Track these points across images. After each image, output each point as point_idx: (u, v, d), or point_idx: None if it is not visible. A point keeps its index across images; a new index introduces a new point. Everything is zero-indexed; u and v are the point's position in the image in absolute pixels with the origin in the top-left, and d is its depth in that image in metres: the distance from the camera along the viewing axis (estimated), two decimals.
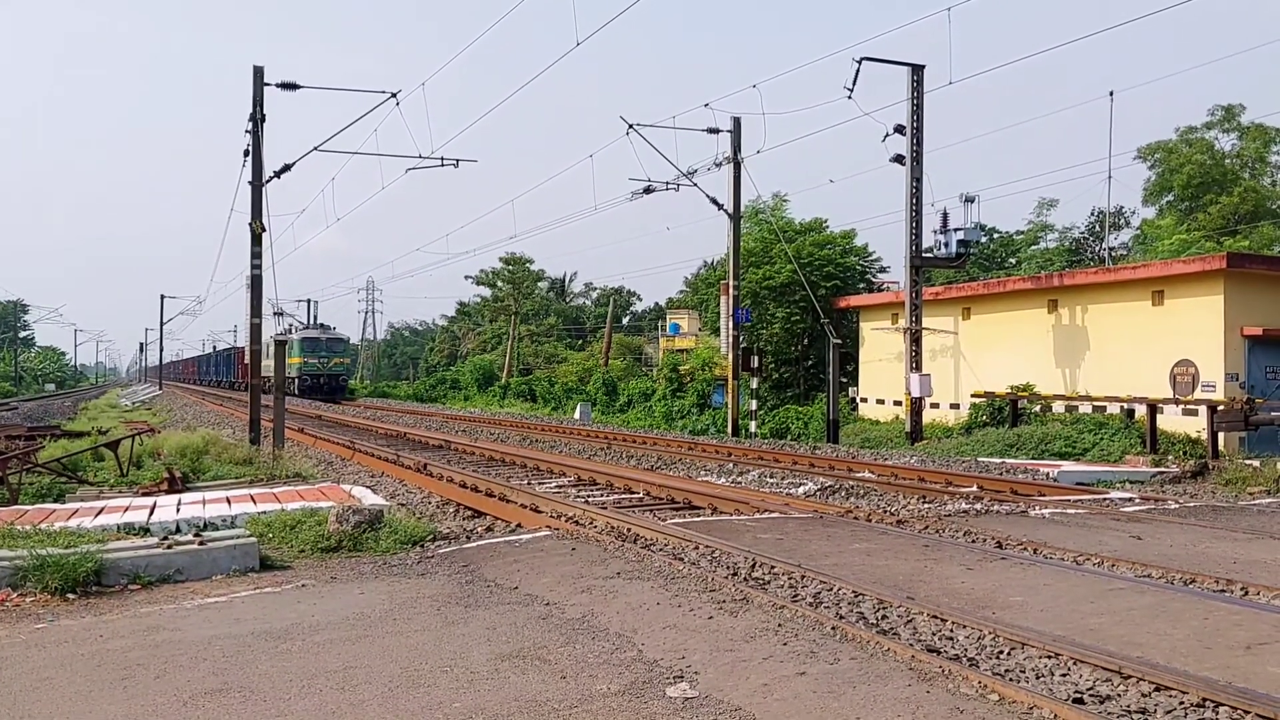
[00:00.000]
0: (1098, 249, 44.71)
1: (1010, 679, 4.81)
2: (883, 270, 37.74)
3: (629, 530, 9.20)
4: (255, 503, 10.59)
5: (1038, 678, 4.87)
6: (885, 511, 10.96)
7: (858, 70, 22.41)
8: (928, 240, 24.15)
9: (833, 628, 5.69)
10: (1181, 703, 4.47)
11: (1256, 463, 15.46)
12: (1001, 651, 5.31)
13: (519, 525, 10.15)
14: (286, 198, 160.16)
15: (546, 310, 77.82)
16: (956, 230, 24.40)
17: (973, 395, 23.78)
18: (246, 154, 19.71)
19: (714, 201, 26.53)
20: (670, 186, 26.97)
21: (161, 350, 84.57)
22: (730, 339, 26.81)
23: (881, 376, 28.44)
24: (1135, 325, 21.40)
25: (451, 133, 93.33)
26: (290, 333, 58.25)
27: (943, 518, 10.29)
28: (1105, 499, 12.35)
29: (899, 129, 23.25)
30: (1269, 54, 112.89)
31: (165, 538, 8.21)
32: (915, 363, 23.78)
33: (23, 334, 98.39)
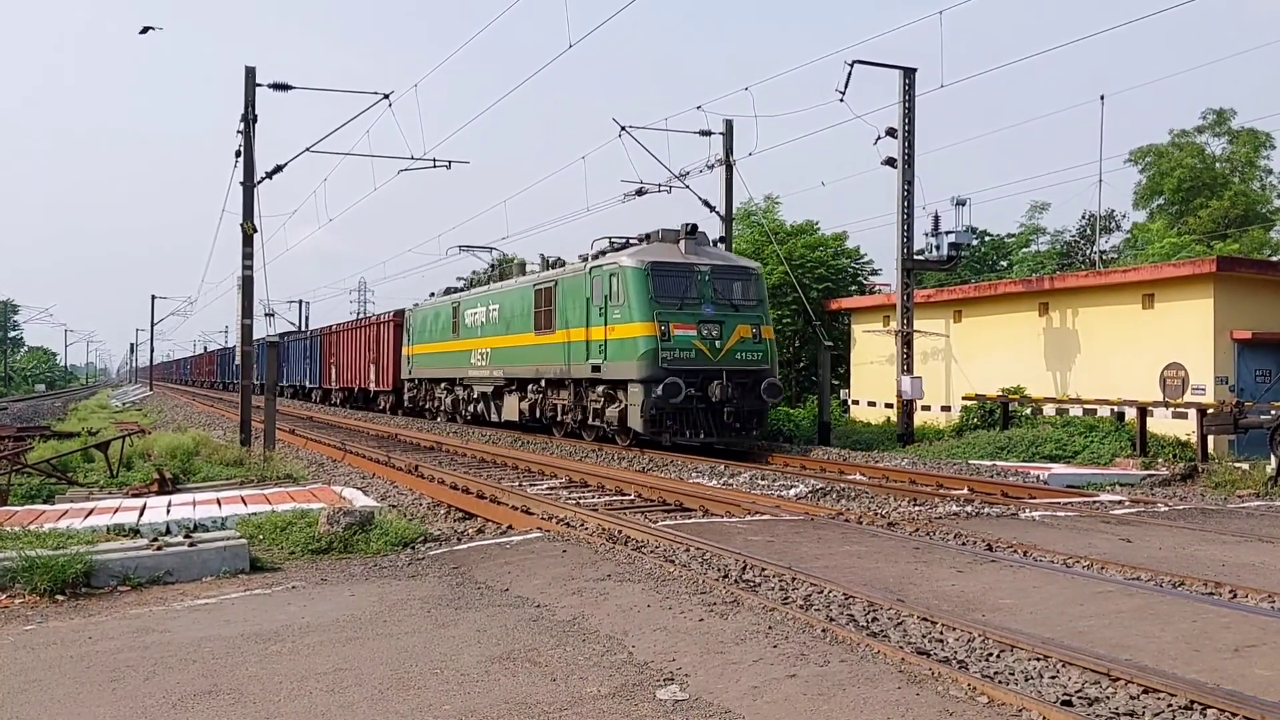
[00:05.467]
0: (1089, 252, 44.86)
1: (1000, 681, 4.82)
2: (874, 273, 37.76)
3: (620, 532, 9.20)
4: (245, 504, 10.56)
5: (1027, 680, 4.89)
6: (876, 514, 10.98)
7: (849, 73, 22.42)
8: (919, 243, 24.17)
9: (823, 630, 5.70)
10: (1170, 705, 4.49)
11: (1245, 465, 15.51)
12: (991, 654, 5.32)
13: (510, 527, 10.14)
14: (278, 198, 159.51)
15: None
16: (948, 233, 24.39)
17: (964, 397, 23.81)
18: (238, 154, 19.62)
19: (706, 203, 26.55)
20: (662, 188, 26.95)
21: (152, 350, 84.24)
22: None
23: (873, 378, 28.47)
24: (1126, 328, 21.46)
25: (444, 134, 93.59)
26: (593, 257, 21.55)
27: (933, 520, 10.31)
28: (1095, 501, 12.39)
29: (890, 132, 23.26)
30: (1261, 58, 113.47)
31: (155, 539, 8.18)
32: (906, 365, 23.82)
33: (12, 334, 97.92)
